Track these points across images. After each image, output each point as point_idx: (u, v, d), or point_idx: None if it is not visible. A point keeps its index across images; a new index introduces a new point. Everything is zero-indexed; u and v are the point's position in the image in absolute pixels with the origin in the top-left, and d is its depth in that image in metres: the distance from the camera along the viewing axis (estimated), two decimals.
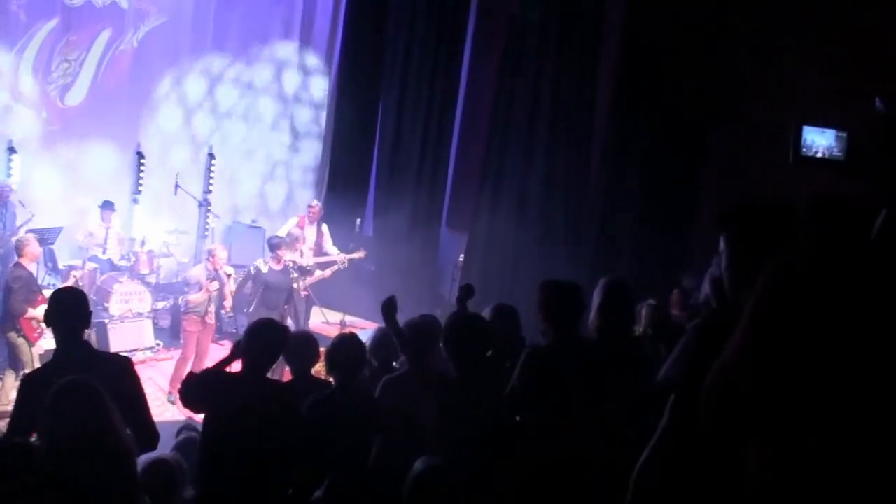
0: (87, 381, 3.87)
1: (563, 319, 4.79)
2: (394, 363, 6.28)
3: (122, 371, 4.71)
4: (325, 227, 13.05)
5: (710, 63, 10.58)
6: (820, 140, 8.33)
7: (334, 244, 12.85)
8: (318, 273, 11.67)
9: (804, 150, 8.24)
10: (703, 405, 2.12)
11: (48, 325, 4.75)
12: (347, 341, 5.43)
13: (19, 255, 9.43)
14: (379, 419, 5.18)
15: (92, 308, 4.93)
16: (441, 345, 5.37)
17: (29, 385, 4.65)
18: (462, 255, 13.03)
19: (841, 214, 3.51)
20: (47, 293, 9.50)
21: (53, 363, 4.71)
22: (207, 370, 4.98)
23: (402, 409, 5.13)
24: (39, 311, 9.19)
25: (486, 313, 5.87)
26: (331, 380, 5.50)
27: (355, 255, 12.59)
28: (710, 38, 10.57)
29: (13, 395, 8.97)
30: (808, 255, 2.00)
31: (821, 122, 8.36)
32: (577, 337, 4.84)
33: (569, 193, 11.73)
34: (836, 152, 8.31)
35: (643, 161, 11.06)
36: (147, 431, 4.69)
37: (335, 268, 12.02)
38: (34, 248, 9.51)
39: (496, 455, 4.72)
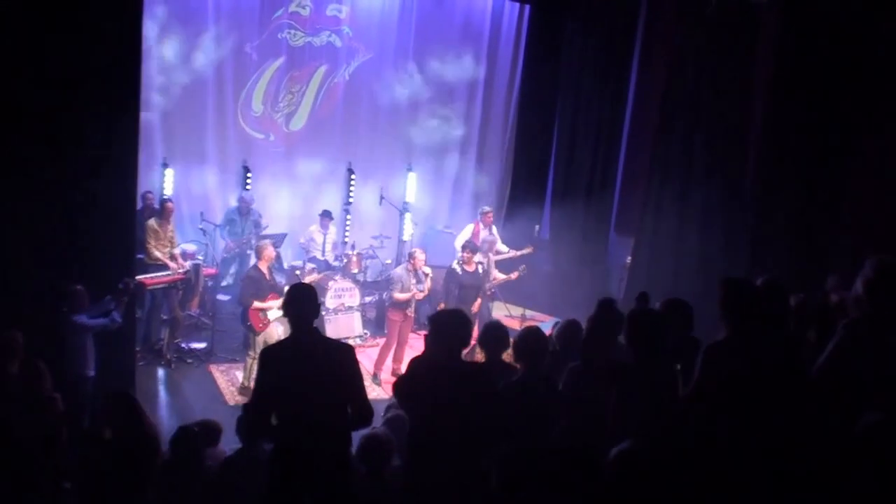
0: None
1: (740, 315, 4.60)
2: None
3: (345, 356, 4.85)
4: (495, 229, 13.12)
5: (865, 66, 9.92)
6: None
7: (512, 247, 12.86)
8: (503, 276, 11.63)
9: None
10: None
11: (285, 314, 4.91)
12: (533, 333, 5.41)
13: (258, 258, 9.69)
14: (562, 403, 5.12)
15: None
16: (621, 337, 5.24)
17: (267, 357, 4.82)
18: (629, 257, 12.75)
19: None
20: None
21: (287, 343, 4.90)
22: (409, 369, 5.01)
23: (585, 395, 5.05)
24: (270, 302, 9.58)
25: (659, 305, 5.73)
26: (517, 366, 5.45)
27: (524, 251, 12.57)
28: (867, 42, 9.89)
29: (249, 373, 9.48)
30: None
31: None
32: (752, 331, 4.62)
33: (725, 205, 11.31)
34: None
35: (798, 162, 10.49)
36: (364, 409, 4.80)
37: (519, 272, 11.94)
38: (269, 251, 9.79)
39: (680, 439, 4.56)
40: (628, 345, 4.97)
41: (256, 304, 9.44)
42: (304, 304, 4.81)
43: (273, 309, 9.46)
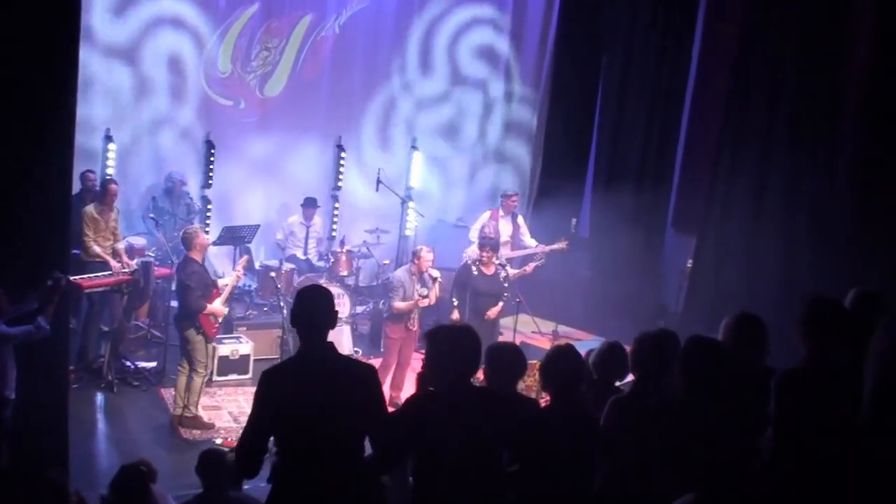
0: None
1: (821, 339, 4.61)
2: (616, 382, 6.24)
3: (367, 379, 4.88)
4: (520, 219, 13.16)
5: None
6: None
7: (542, 241, 12.87)
8: (515, 271, 11.63)
9: None
10: None
11: (293, 324, 4.91)
12: (565, 354, 5.36)
13: (188, 249, 9.70)
14: (604, 441, 5.12)
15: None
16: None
17: (269, 381, 4.78)
18: (690, 261, 12.72)
19: None
20: (223, 283, 10.07)
21: (295, 361, 4.92)
22: (406, 407, 5.04)
23: (632, 433, 5.04)
24: (216, 305, 9.72)
25: (726, 322, 5.71)
26: (542, 396, 5.45)
27: (556, 246, 12.53)
28: None
29: (193, 397, 9.51)
30: None
31: None
32: (833, 357, 4.64)
33: (814, 194, 11.25)
34: None
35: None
36: (384, 434, 4.82)
37: (536, 263, 11.98)
38: (202, 239, 9.83)
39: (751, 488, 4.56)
40: (680, 376, 5.00)
41: (210, 307, 9.58)
42: (317, 310, 4.81)
43: (221, 308, 9.80)
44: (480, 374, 5.42)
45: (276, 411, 4.69)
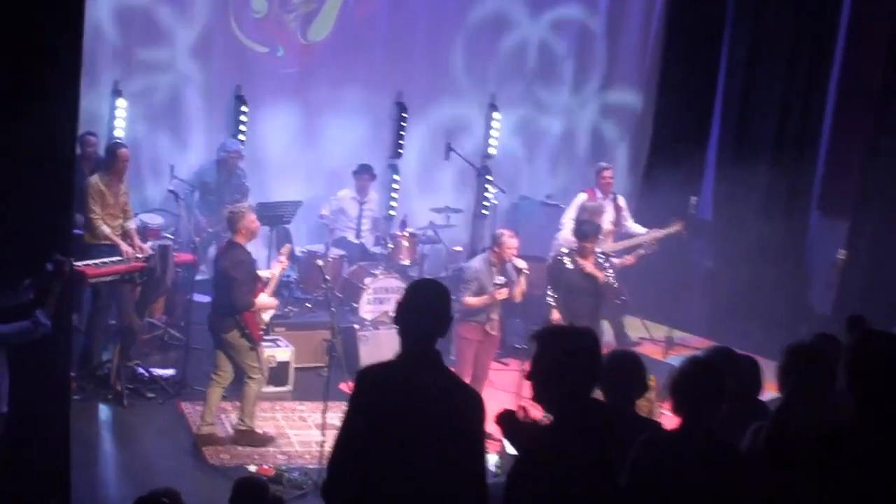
0: None
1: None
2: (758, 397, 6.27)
3: (471, 408, 4.91)
4: (621, 200, 13.11)
5: None
6: None
7: (650, 225, 12.84)
8: (616, 261, 11.54)
9: None
10: None
11: (396, 323, 5.00)
12: (699, 367, 5.30)
13: (233, 232, 9.67)
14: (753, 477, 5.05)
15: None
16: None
17: (364, 380, 4.97)
18: (841, 251, 12.52)
19: None
20: (264, 274, 10.07)
21: (394, 367, 4.99)
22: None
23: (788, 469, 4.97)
24: (263, 298, 9.71)
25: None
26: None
27: (670, 230, 12.49)
28: None
29: (248, 407, 9.51)
30: None
31: None
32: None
33: None
34: None
35: None
36: (480, 490, 4.85)
37: (641, 252, 11.88)
38: (252, 221, 9.77)
39: None
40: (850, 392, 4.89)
41: (259, 301, 9.59)
42: (429, 309, 4.91)
43: (271, 301, 9.92)
44: None
45: (368, 419, 4.79)
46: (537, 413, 5.13)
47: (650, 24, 15.52)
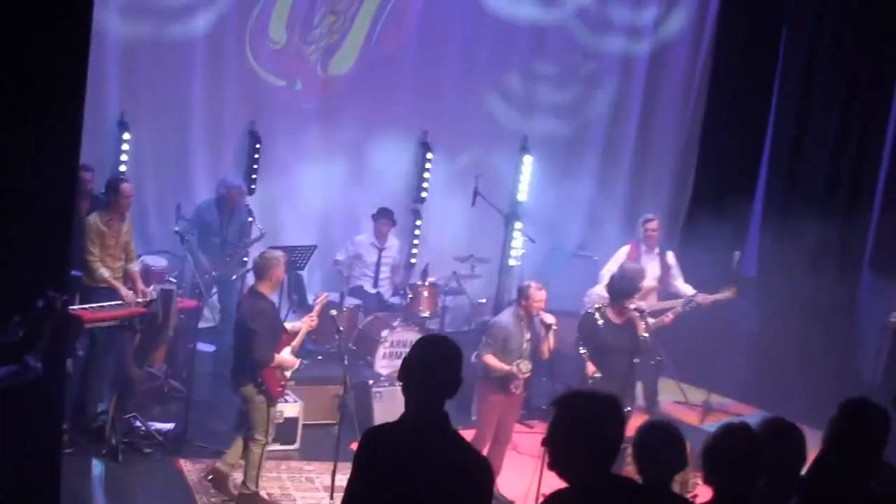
0: None
1: None
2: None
3: (480, 476, 4.89)
4: (671, 256, 13.05)
5: None
6: None
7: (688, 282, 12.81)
8: (651, 320, 11.47)
9: None
10: None
11: (400, 380, 5.01)
12: (737, 435, 5.30)
13: (259, 279, 9.65)
14: None
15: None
16: None
17: (369, 440, 5.02)
18: (894, 315, 12.49)
19: None
20: (293, 327, 10.02)
21: (401, 429, 4.96)
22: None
23: None
24: (285, 355, 9.64)
25: None
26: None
27: (723, 295, 12.46)
28: None
29: (252, 471, 9.48)
30: None
31: None
32: None
33: None
34: None
35: None
36: None
37: (678, 310, 11.83)
38: (280, 272, 9.78)
39: None
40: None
41: (279, 357, 9.53)
42: (433, 371, 4.90)
43: (291, 360, 9.73)
44: None
45: (373, 484, 4.81)
46: None
47: (695, 67, 15.57)
